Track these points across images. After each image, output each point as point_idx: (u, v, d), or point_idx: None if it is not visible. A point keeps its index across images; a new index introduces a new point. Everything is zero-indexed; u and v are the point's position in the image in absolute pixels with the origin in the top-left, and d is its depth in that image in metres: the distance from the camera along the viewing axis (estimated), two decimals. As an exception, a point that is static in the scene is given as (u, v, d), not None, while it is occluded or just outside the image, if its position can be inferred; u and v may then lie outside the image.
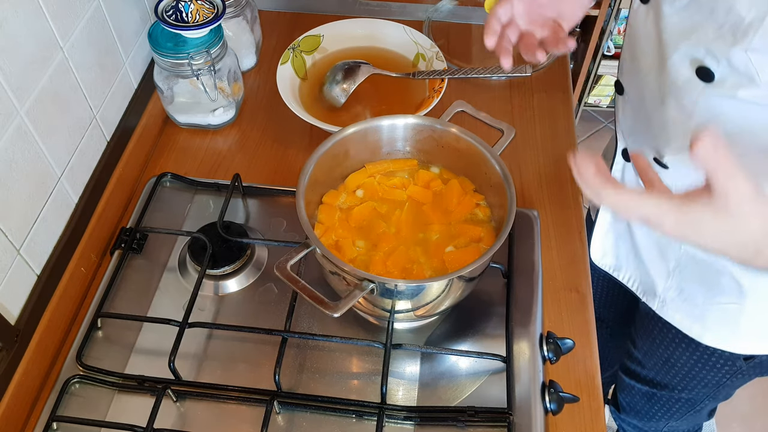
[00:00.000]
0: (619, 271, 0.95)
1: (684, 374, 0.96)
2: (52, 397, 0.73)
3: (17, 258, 0.72)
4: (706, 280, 0.81)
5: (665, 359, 0.97)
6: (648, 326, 0.97)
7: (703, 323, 0.85)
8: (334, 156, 0.78)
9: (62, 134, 0.78)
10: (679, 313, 0.87)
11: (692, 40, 0.65)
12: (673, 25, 0.67)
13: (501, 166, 0.74)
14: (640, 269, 0.90)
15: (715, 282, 0.80)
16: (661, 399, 1.06)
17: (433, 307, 0.73)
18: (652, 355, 1.00)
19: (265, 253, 0.85)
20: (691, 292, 0.84)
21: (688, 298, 0.85)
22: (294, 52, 1.02)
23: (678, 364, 0.95)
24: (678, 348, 0.93)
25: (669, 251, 0.83)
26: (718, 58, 0.63)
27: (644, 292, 0.92)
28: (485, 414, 0.70)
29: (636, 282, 0.93)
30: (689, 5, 0.64)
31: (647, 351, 1.00)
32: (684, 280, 0.84)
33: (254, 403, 0.72)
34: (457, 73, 0.98)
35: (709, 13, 0.62)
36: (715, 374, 0.92)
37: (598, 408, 0.74)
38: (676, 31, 0.67)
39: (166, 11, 0.88)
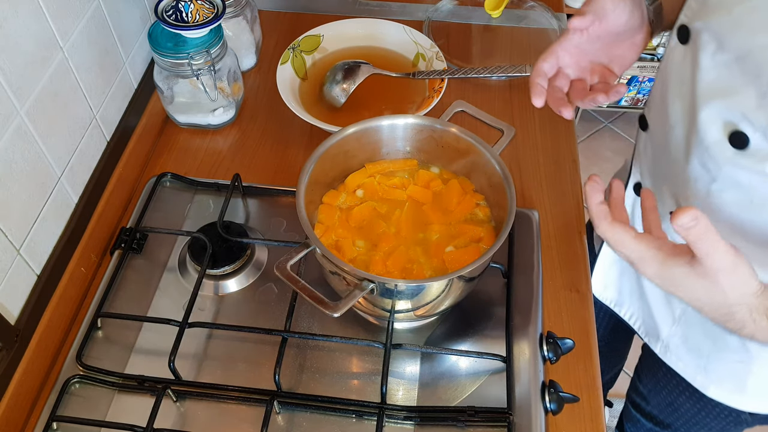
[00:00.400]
0: (620, 306, 0.93)
1: (687, 419, 0.93)
2: (52, 397, 0.73)
3: (17, 258, 0.72)
4: (712, 334, 0.78)
5: (669, 402, 0.94)
6: (653, 367, 0.94)
7: (707, 375, 0.82)
8: (334, 156, 0.78)
9: (62, 134, 0.78)
10: (682, 361, 0.85)
11: (729, 101, 0.60)
12: (710, 80, 0.62)
13: (501, 166, 0.74)
14: (643, 309, 0.88)
15: (721, 337, 0.77)
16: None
17: (433, 307, 0.73)
18: (656, 395, 0.97)
19: (265, 253, 0.85)
20: (697, 343, 0.81)
21: (693, 348, 0.82)
22: (294, 52, 1.02)
23: (681, 409, 0.92)
24: (682, 395, 0.90)
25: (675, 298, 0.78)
26: (756, 126, 0.58)
27: (647, 333, 0.89)
28: (485, 414, 0.70)
29: (638, 321, 0.90)
30: (732, 64, 0.59)
31: (652, 389, 0.98)
32: (690, 329, 0.81)
33: (254, 403, 0.72)
34: (457, 73, 0.98)
35: (755, 77, 0.57)
36: (718, 423, 0.90)
37: (598, 408, 0.74)
38: (713, 87, 0.61)
39: (166, 11, 0.88)
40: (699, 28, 0.63)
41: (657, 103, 0.74)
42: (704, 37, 0.62)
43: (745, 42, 0.57)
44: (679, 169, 0.70)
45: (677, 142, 0.69)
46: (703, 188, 0.67)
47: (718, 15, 0.60)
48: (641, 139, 0.81)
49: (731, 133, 0.60)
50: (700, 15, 0.63)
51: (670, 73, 0.70)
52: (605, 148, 2.38)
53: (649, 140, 0.79)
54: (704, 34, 0.62)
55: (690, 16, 0.65)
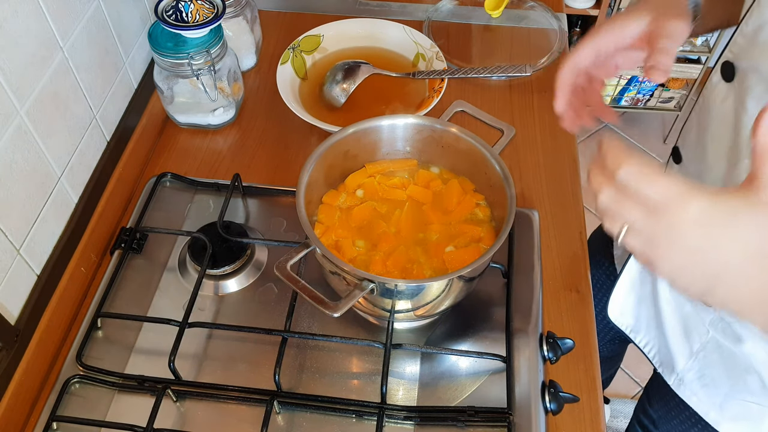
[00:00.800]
0: (636, 333, 0.90)
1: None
2: (52, 397, 0.73)
3: (17, 258, 0.72)
4: (731, 373, 0.75)
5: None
6: (665, 396, 0.91)
7: (722, 413, 0.79)
8: (334, 156, 0.78)
9: (62, 134, 0.78)
10: (696, 396, 0.82)
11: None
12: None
13: (501, 166, 0.74)
14: (660, 339, 0.85)
15: (740, 378, 0.75)
16: None
17: (433, 307, 0.73)
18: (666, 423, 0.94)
19: (265, 253, 0.85)
20: (714, 380, 0.78)
21: (709, 384, 0.79)
22: (294, 52, 1.02)
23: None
24: (694, 427, 0.87)
25: (695, 333, 0.78)
26: None
27: (661, 363, 0.86)
28: (485, 414, 0.70)
29: (653, 350, 0.87)
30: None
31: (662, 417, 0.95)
32: (707, 366, 0.78)
33: (254, 403, 0.72)
34: (457, 73, 0.98)
35: None
36: None
37: (598, 408, 0.74)
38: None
39: (166, 11, 0.88)
40: (746, 67, 0.59)
41: (693, 139, 0.71)
42: (752, 79, 0.58)
43: None
44: None
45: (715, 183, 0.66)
46: None
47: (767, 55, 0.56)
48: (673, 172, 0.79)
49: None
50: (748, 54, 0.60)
51: (711, 111, 0.66)
52: (605, 148, 2.38)
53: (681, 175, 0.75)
54: (751, 75, 0.58)
55: (736, 53, 0.62)
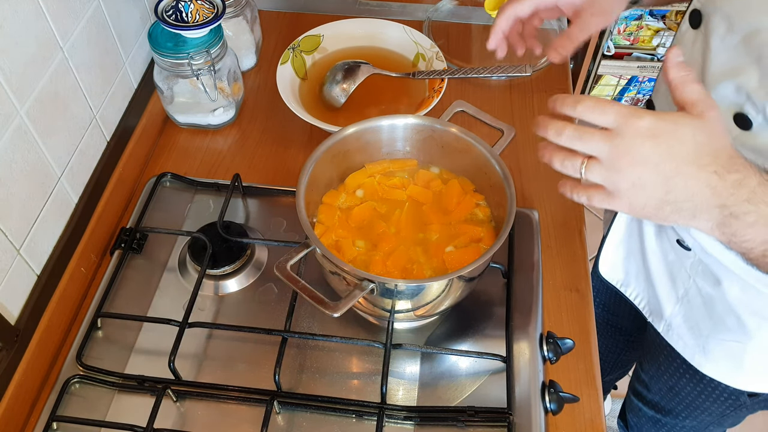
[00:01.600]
0: (627, 287, 0.94)
1: (688, 403, 0.95)
2: (52, 397, 0.73)
3: (17, 258, 0.72)
4: (712, 316, 0.80)
5: (670, 386, 0.96)
6: (654, 352, 0.96)
7: (706, 355, 0.84)
8: (334, 156, 0.78)
9: (62, 134, 0.78)
10: (682, 341, 0.86)
11: (735, 82, 0.61)
12: (719, 62, 0.63)
13: (501, 166, 0.74)
14: (648, 290, 0.89)
15: (720, 319, 0.79)
16: (666, 425, 1.05)
17: (433, 307, 0.73)
18: (657, 380, 0.99)
19: (265, 253, 0.85)
20: (697, 323, 0.83)
21: (694, 327, 0.84)
22: (294, 52, 1.02)
23: (682, 393, 0.94)
24: (682, 378, 0.92)
25: (679, 279, 0.82)
26: (759, 107, 0.60)
27: (651, 312, 0.91)
28: (485, 414, 0.70)
29: (644, 301, 0.92)
30: (740, 45, 0.61)
31: (653, 375, 0.99)
32: (691, 309, 0.83)
33: (254, 403, 0.72)
34: (457, 73, 0.98)
35: (757, 59, 0.59)
36: (718, 406, 0.91)
37: (598, 408, 0.74)
38: (721, 69, 0.63)
39: (166, 11, 0.88)
40: (710, 12, 0.64)
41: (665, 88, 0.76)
42: (715, 20, 0.63)
43: (752, 22, 0.59)
44: None
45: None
46: None
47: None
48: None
49: (735, 114, 0.61)
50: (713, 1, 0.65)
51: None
52: (605, 148, 2.38)
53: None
54: (715, 17, 0.63)
55: (703, 1, 0.67)
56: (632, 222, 0.88)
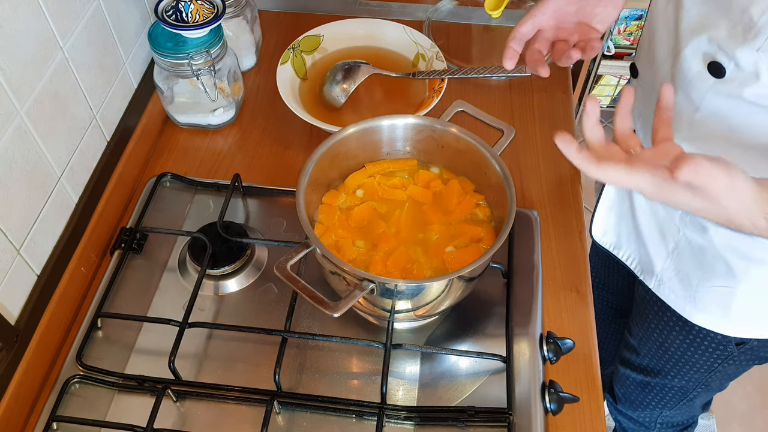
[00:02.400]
0: (619, 249, 0.97)
1: (677, 359, 0.97)
2: (52, 397, 0.73)
3: (17, 258, 0.72)
4: (701, 264, 0.83)
5: (659, 343, 0.98)
6: (644, 311, 0.99)
7: (695, 304, 0.87)
8: (334, 156, 0.78)
9: (62, 134, 0.78)
10: (674, 293, 0.89)
11: (706, 34, 0.66)
12: (691, 17, 0.68)
13: (501, 166, 0.74)
14: (640, 249, 0.92)
15: (709, 266, 0.82)
16: (655, 387, 1.08)
17: (433, 307, 0.73)
18: (647, 341, 1.01)
19: (265, 253, 0.85)
20: (687, 274, 0.86)
21: (684, 279, 0.87)
22: (294, 52, 1.02)
23: (671, 348, 0.96)
24: (672, 331, 0.94)
25: (669, 234, 0.85)
26: (729, 55, 0.64)
27: (642, 270, 0.94)
28: (485, 414, 0.70)
29: (635, 261, 0.95)
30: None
31: (642, 336, 1.02)
32: (681, 261, 0.86)
33: (254, 403, 0.72)
34: (457, 73, 0.98)
35: (726, 10, 0.63)
36: (707, 359, 0.94)
37: (598, 408, 0.74)
38: (693, 23, 0.68)
39: (166, 11, 0.88)
40: None
41: (645, 49, 0.80)
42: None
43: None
44: None
45: (664, 80, 0.74)
46: (687, 119, 0.73)
47: None
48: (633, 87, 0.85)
49: (709, 63, 0.66)
50: None
51: (656, 20, 0.75)
52: (605, 148, 2.38)
53: (639, 86, 0.83)
54: None
55: None
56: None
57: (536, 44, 0.74)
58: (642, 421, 1.20)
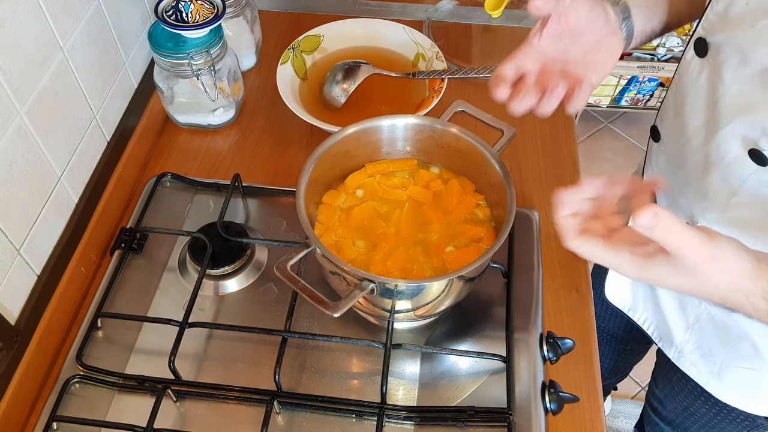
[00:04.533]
0: (634, 311, 0.92)
1: (703, 423, 0.93)
2: (52, 397, 0.73)
3: (17, 258, 0.72)
4: (726, 342, 0.78)
5: (684, 407, 0.94)
6: (668, 373, 0.94)
7: (721, 381, 0.82)
8: (334, 156, 0.78)
9: (62, 134, 0.78)
10: (695, 367, 0.84)
11: (750, 116, 0.59)
12: (733, 95, 0.61)
13: (501, 166, 0.74)
14: (657, 315, 0.87)
15: (734, 345, 0.77)
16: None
17: (433, 307, 0.73)
18: (671, 400, 0.97)
19: (265, 253, 0.85)
20: (710, 349, 0.81)
21: (707, 354, 0.82)
22: (294, 52, 1.02)
23: (697, 414, 0.92)
24: (697, 399, 0.90)
25: (689, 306, 0.81)
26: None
27: (660, 338, 0.89)
28: (485, 414, 0.70)
29: (652, 326, 0.90)
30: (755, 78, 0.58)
31: (668, 394, 0.98)
32: (703, 336, 0.81)
33: (254, 403, 0.72)
34: (457, 73, 0.98)
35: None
36: (734, 426, 0.89)
37: (598, 408, 0.74)
38: (735, 103, 0.61)
39: (166, 11, 0.88)
40: (719, 41, 0.62)
41: (671, 115, 0.73)
42: (726, 51, 0.60)
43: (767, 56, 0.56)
44: (697, 181, 0.69)
45: (694, 155, 0.69)
46: (723, 201, 0.67)
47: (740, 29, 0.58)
48: (653, 151, 0.81)
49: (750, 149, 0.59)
50: (721, 28, 0.62)
51: (687, 87, 0.68)
52: (605, 148, 2.39)
53: (662, 152, 0.78)
54: (726, 48, 0.61)
55: (708, 29, 0.64)
56: None
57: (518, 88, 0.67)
58: None
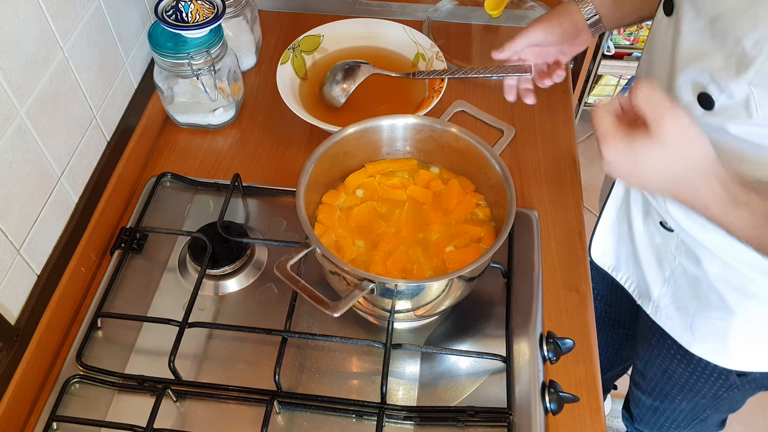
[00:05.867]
0: (617, 271, 0.97)
1: (681, 385, 0.97)
2: (52, 397, 0.73)
3: (17, 258, 0.72)
4: (697, 294, 0.83)
5: (663, 370, 0.98)
6: (647, 337, 0.99)
7: (693, 334, 0.87)
8: (334, 156, 0.78)
9: (62, 134, 0.78)
10: (671, 321, 0.89)
11: (701, 64, 0.65)
12: (687, 45, 0.67)
13: (501, 166, 0.74)
14: (637, 273, 0.92)
15: (705, 297, 0.82)
16: (665, 411, 1.07)
17: (433, 307, 0.73)
18: (651, 366, 1.01)
19: (265, 253, 0.85)
20: (684, 302, 0.85)
21: (681, 307, 0.86)
22: (294, 52, 1.02)
23: (675, 375, 0.96)
24: (674, 359, 0.94)
25: (665, 261, 0.85)
26: (721, 87, 0.63)
27: (640, 294, 0.94)
28: (485, 414, 0.70)
29: (633, 284, 0.95)
30: (705, 29, 0.64)
31: (647, 361, 1.02)
32: (677, 290, 0.85)
33: (254, 403, 0.72)
34: (457, 73, 0.98)
35: (722, 41, 0.62)
36: (710, 387, 0.93)
37: (598, 408, 0.74)
38: (689, 52, 0.66)
39: (166, 11, 0.88)
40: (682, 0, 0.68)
41: (644, 72, 0.80)
42: (685, 7, 0.67)
43: (716, 6, 0.62)
44: None
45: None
46: None
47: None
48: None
49: (699, 94, 0.66)
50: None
51: (656, 45, 0.75)
52: (605, 148, 2.38)
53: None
54: (686, 4, 0.67)
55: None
56: (621, 208, 0.90)
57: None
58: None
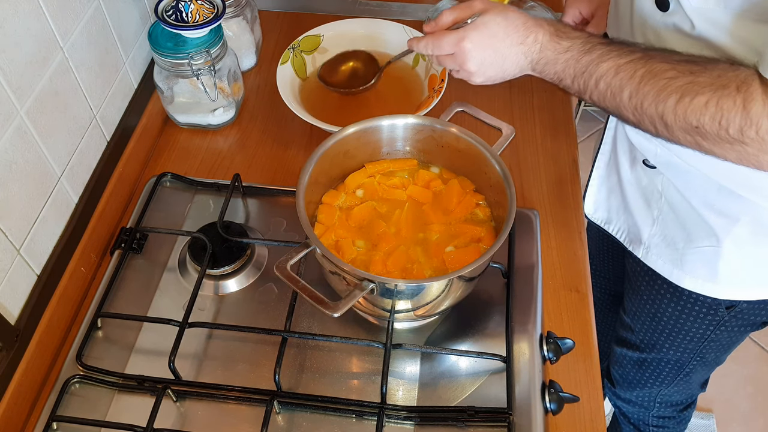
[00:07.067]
0: (609, 224, 0.99)
1: (670, 329, 0.98)
2: (52, 397, 0.73)
3: (17, 258, 0.72)
4: (685, 226, 0.85)
5: (652, 315, 0.99)
6: (635, 284, 1.00)
7: (683, 267, 0.88)
8: (334, 156, 0.78)
9: (62, 134, 0.78)
10: (661, 259, 0.91)
11: None
12: None
13: (501, 166, 0.74)
14: (628, 220, 0.94)
15: (693, 227, 0.84)
16: (651, 364, 1.09)
17: (433, 307, 0.73)
18: (640, 314, 1.02)
19: (265, 253, 0.85)
20: (673, 238, 0.87)
21: (670, 243, 0.88)
22: (294, 52, 1.02)
23: (664, 318, 0.97)
24: (663, 300, 0.95)
25: (653, 201, 0.87)
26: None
27: (631, 241, 0.95)
28: (485, 414, 0.70)
29: (624, 233, 0.97)
30: None
31: (636, 311, 1.03)
32: (666, 226, 0.87)
33: (254, 403, 0.72)
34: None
35: None
36: (699, 325, 0.95)
37: (598, 408, 0.74)
38: None
39: (166, 11, 0.88)
40: None
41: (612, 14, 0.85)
42: None
43: None
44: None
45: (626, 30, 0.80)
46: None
47: None
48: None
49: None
50: None
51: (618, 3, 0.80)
52: (605, 148, 2.38)
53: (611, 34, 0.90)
54: None
55: None
56: (610, 161, 0.93)
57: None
58: (641, 402, 1.20)
